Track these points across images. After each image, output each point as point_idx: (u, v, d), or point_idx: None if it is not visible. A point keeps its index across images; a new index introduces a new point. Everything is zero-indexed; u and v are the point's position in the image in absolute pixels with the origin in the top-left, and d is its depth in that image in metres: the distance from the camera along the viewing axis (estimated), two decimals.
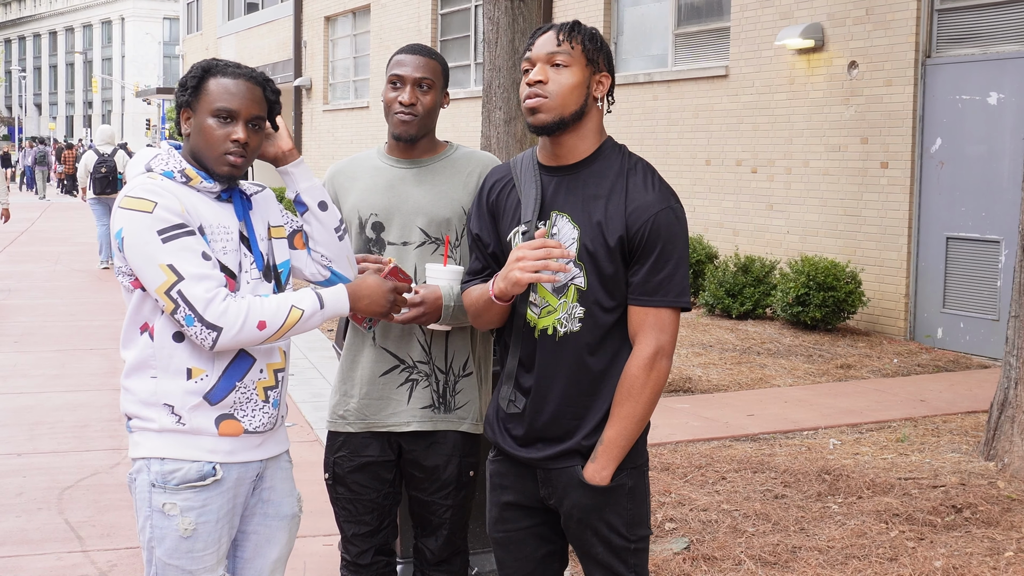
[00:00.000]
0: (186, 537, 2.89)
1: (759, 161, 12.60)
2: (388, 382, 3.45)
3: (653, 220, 2.76)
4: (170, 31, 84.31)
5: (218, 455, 2.91)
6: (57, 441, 7.11)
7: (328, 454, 3.56)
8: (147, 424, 2.89)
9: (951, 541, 5.17)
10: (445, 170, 3.48)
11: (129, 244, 2.80)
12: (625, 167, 2.85)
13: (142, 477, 2.91)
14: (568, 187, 2.87)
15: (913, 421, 7.62)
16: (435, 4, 20.50)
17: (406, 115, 3.39)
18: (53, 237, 22.05)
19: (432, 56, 3.46)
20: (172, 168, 2.89)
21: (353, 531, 3.54)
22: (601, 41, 2.89)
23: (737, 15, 12.93)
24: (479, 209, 3.06)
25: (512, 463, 2.98)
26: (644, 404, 2.80)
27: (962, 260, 10.47)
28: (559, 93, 2.81)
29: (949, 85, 10.52)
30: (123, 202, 2.82)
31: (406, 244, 3.44)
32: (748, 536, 5.24)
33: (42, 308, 12.87)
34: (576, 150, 2.87)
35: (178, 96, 2.97)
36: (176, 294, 2.77)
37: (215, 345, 2.80)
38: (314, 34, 26.60)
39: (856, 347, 10.30)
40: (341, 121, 24.89)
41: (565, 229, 2.85)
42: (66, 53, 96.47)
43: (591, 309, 2.82)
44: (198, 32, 37.46)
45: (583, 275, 2.82)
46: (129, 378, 2.91)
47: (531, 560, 3.01)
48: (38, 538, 5.39)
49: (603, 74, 2.87)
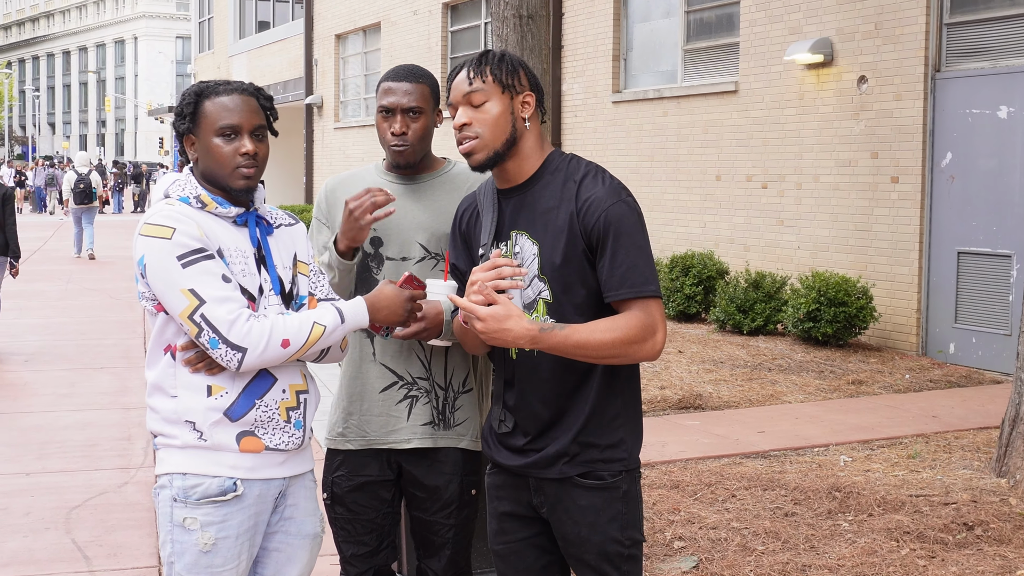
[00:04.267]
0: (205, 552, 2.90)
1: (769, 176, 12.57)
2: (388, 398, 3.44)
3: (605, 215, 2.77)
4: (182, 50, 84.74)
5: (239, 471, 2.93)
6: (66, 460, 7.10)
7: (326, 473, 3.54)
8: (171, 441, 2.93)
9: (962, 559, 5.13)
10: (444, 186, 3.48)
11: (151, 270, 2.84)
12: (572, 174, 2.86)
13: (165, 492, 2.94)
14: (522, 205, 2.90)
15: (925, 437, 7.57)
16: (445, 22, 20.55)
17: (400, 146, 3.39)
18: (65, 256, 22.10)
19: (419, 80, 3.43)
20: (188, 194, 2.93)
21: (352, 551, 3.52)
22: (513, 62, 2.89)
23: (746, 31, 12.92)
24: (454, 238, 3.12)
25: (507, 474, 2.99)
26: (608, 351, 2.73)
27: (974, 274, 10.42)
28: (485, 131, 2.84)
29: (959, 99, 10.48)
30: (143, 229, 2.86)
31: (405, 259, 3.43)
32: (758, 554, 5.21)
33: (53, 327, 12.89)
34: (521, 171, 2.91)
35: (178, 126, 2.98)
36: (199, 318, 2.80)
37: (240, 366, 2.83)
38: (325, 52, 26.67)
39: (868, 363, 10.25)
40: (352, 139, 24.93)
41: (526, 247, 2.88)
42: (79, 72, 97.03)
43: (563, 319, 2.83)
44: (210, 51, 37.59)
45: (548, 288, 2.85)
46: (152, 397, 2.96)
47: (532, 571, 3.01)
48: (45, 558, 5.37)
49: (526, 94, 2.89)
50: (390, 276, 3.41)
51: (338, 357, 3.10)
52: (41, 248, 23.87)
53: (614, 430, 2.88)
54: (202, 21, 38.78)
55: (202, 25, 38.84)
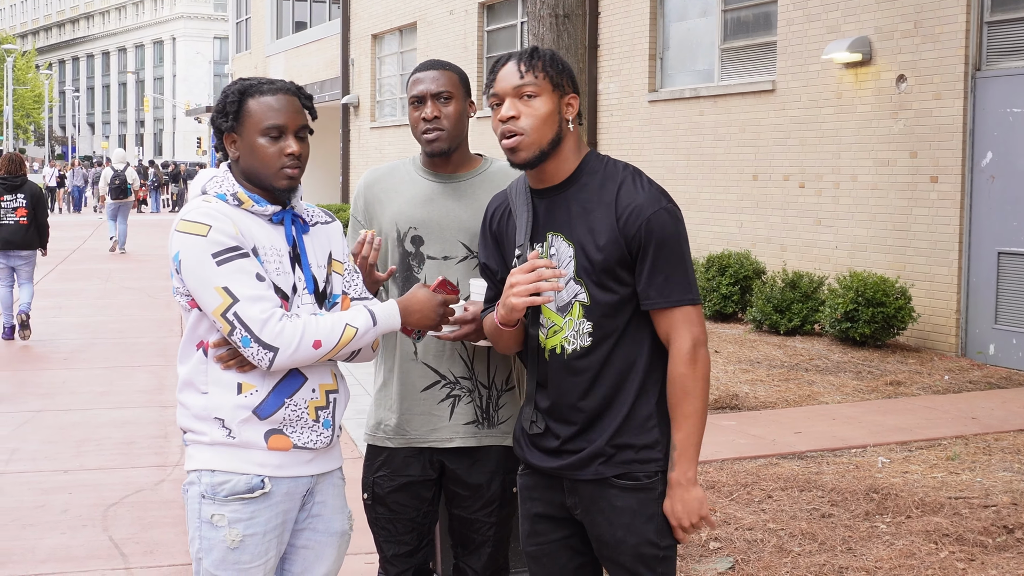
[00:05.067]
0: (233, 548, 2.91)
1: (807, 176, 12.49)
2: (429, 398, 3.43)
3: (647, 223, 2.76)
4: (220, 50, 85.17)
5: (267, 468, 2.93)
6: (103, 458, 7.15)
7: (367, 473, 3.53)
8: (200, 437, 2.94)
9: (1002, 563, 5.07)
10: (484, 184, 3.46)
11: (186, 267, 2.84)
12: (610, 176, 2.84)
13: (193, 489, 2.95)
14: (558, 206, 2.88)
15: (964, 439, 7.49)
16: (481, 21, 20.56)
17: (432, 131, 3.38)
18: (103, 255, 22.28)
19: (446, 68, 3.44)
20: (226, 191, 2.94)
21: (393, 551, 3.52)
22: (562, 63, 2.86)
23: (784, 29, 12.84)
24: (484, 238, 3.10)
25: (540, 475, 2.98)
26: (700, 397, 2.81)
27: (1014, 275, 10.31)
28: (533, 127, 2.80)
29: (999, 98, 10.38)
30: (179, 225, 2.86)
31: (447, 259, 3.42)
32: (794, 556, 5.17)
33: (92, 325, 12.99)
34: (559, 171, 2.88)
35: (219, 123, 2.97)
36: (232, 316, 2.80)
37: (272, 365, 2.83)
38: (361, 52, 26.75)
39: (906, 364, 10.16)
40: (388, 138, 25.00)
41: (561, 248, 2.86)
42: (119, 73, 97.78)
43: (599, 322, 2.82)
44: (247, 51, 37.79)
45: (584, 290, 2.83)
46: (183, 393, 2.97)
47: (565, 572, 2.99)
48: (82, 555, 5.41)
49: (571, 95, 2.87)
50: (431, 275, 3.41)
51: (369, 357, 3.09)
52: (80, 247, 24.07)
53: (649, 431, 2.85)
54: (239, 22, 38.99)
55: (239, 26, 39.05)
